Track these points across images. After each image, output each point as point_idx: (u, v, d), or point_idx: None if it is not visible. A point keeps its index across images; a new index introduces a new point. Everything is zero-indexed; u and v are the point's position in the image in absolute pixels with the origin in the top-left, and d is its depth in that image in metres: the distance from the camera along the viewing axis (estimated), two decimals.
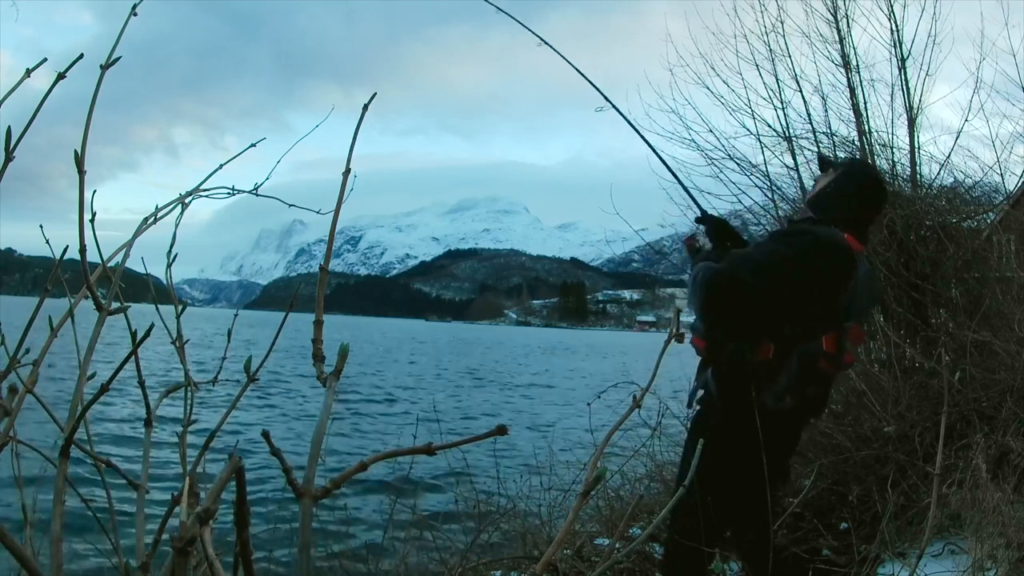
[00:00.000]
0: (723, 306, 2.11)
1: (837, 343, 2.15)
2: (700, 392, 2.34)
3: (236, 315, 1.37)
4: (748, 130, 4.80)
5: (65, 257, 1.00)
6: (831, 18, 4.70)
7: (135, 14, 1.00)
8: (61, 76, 0.92)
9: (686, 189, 3.07)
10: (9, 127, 0.85)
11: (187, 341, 1.16)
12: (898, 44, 4.56)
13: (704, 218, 2.50)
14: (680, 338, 2.42)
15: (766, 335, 2.14)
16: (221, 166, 1.22)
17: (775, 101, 4.80)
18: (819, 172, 2.55)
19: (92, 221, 0.95)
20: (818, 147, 4.58)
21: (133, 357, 0.99)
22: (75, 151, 0.89)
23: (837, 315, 2.15)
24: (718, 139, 4.82)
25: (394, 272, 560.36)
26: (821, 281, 2.11)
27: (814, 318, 2.14)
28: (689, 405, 2.47)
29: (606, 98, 2.88)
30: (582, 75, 2.85)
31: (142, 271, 1.27)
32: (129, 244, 1.09)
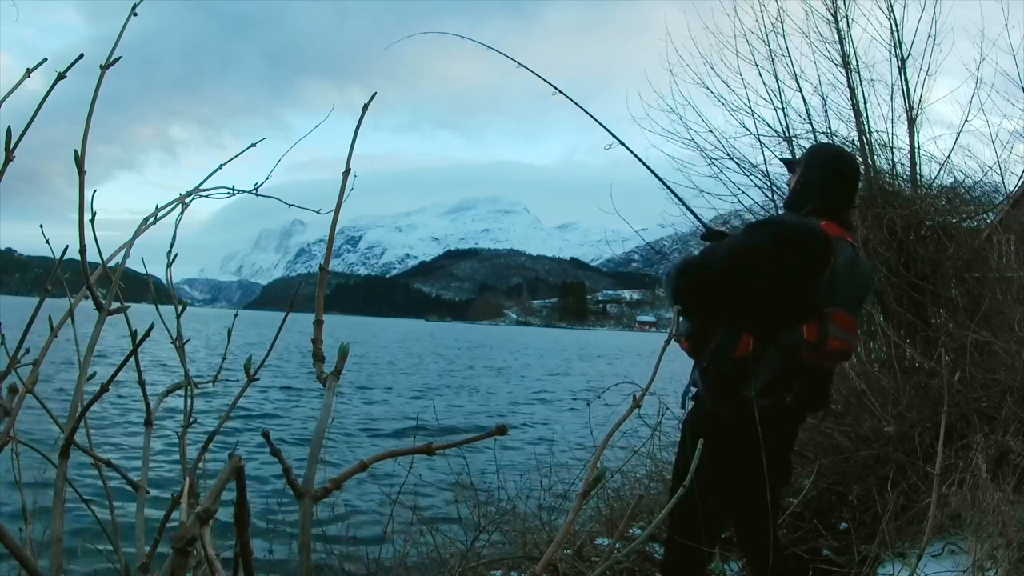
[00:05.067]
0: (690, 291, 2.12)
1: (819, 331, 2.12)
2: (691, 391, 2.35)
3: (236, 315, 1.37)
4: (748, 130, 4.81)
5: (65, 257, 1.00)
6: (831, 18, 4.70)
7: (135, 14, 1.00)
8: (61, 76, 0.92)
9: (694, 214, 2.99)
10: (9, 127, 0.85)
11: (187, 341, 1.16)
12: (898, 44, 4.56)
13: (709, 234, 2.47)
14: (679, 339, 2.43)
15: (745, 328, 2.13)
16: (221, 166, 1.22)
17: (775, 101, 4.80)
18: (790, 175, 2.55)
19: (92, 221, 0.95)
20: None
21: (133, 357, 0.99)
22: (75, 151, 0.89)
23: (816, 302, 2.13)
24: (718, 139, 4.82)
25: (394, 272, 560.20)
26: (792, 268, 2.09)
27: (791, 306, 2.12)
28: (682, 405, 2.47)
29: (614, 136, 2.89)
30: (592, 117, 2.86)
31: (142, 271, 1.27)
32: (129, 244, 1.09)
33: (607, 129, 2.83)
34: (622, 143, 2.86)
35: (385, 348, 42.22)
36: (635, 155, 2.84)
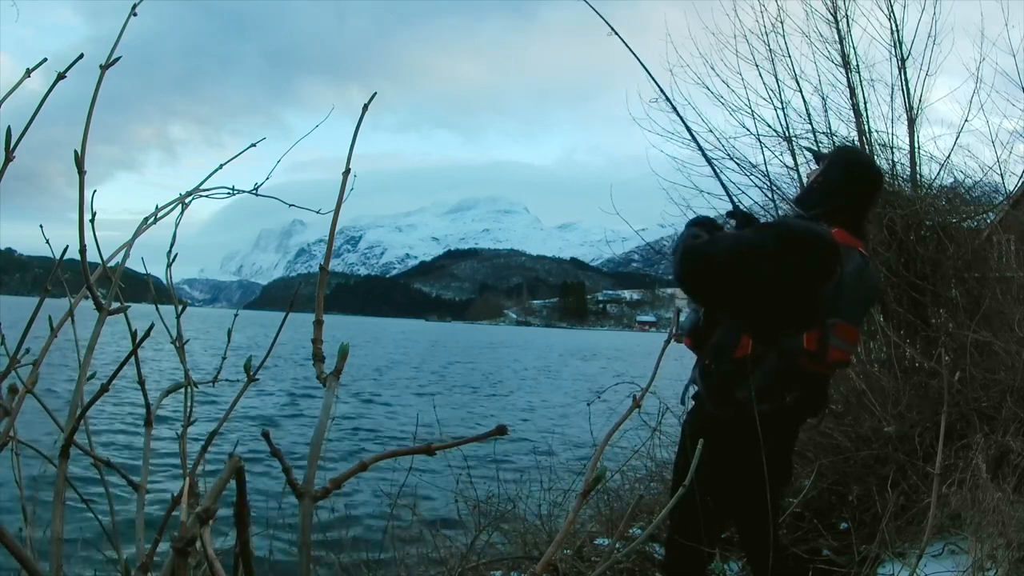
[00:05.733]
0: (691, 277, 2.10)
1: (819, 341, 2.09)
2: (692, 389, 2.34)
3: (236, 315, 1.37)
4: (748, 130, 4.81)
5: (65, 257, 1.00)
6: (831, 18, 4.71)
7: (135, 14, 1.00)
8: (61, 76, 0.92)
9: (724, 187, 2.95)
10: (9, 127, 0.85)
11: (187, 341, 1.16)
12: (898, 44, 4.57)
13: (736, 213, 2.41)
14: (679, 338, 2.42)
15: (745, 328, 2.12)
16: (221, 166, 1.22)
17: (775, 101, 4.81)
18: (814, 166, 2.50)
19: (92, 221, 0.95)
20: (817, 147, 4.58)
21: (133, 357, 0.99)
22: (75, 151, 0.89)
23: (818, 311, 2.09)
24: (718, 139, 4.82)
25: (394, 272, 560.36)
26: (795, 271, 2.05)
27: (792, 311, 2.09)
28: (682, 402, 2.46)
29: (661, 90, 2.84)
30: (644, 67, 2.78)
31: (142, 271, 1.27)
32: (129, 244, 1.09)
33: (653, 79, 2.79)
34: (667, 98, 2.85)
35: (386, 349, 42.22)
36: (676, 112, 2.82)
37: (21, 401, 0.88)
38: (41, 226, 1.13)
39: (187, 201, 1.17)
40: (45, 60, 1.03)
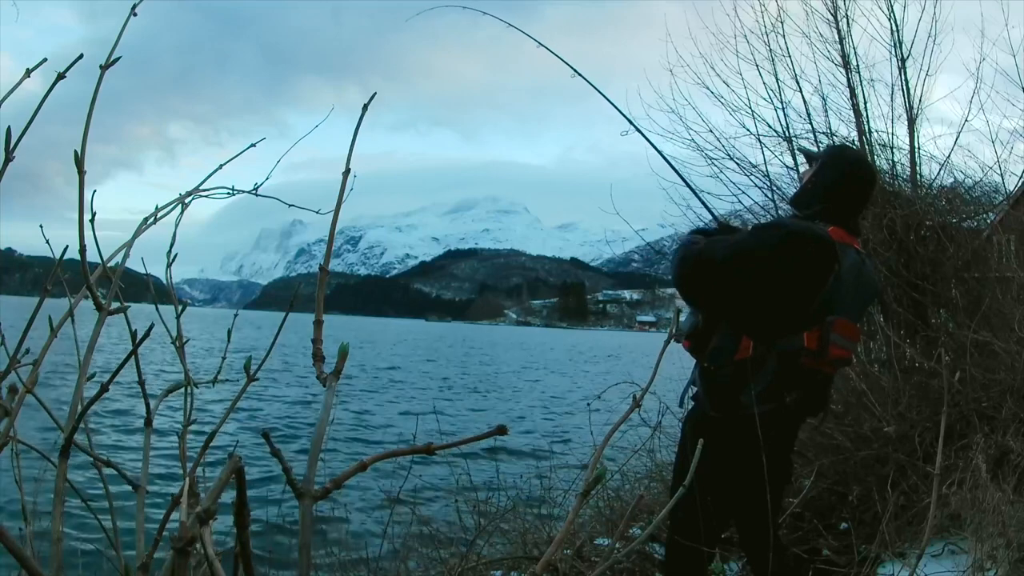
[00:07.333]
0: (689, 282, 2.12)
1: (820, 338, 2.10)
2: (691, 390, 2.35)
3: (236, 315, 1.37)
4: (748, 130, 4.81)
5: (65, 257, 1.00)
6: (831, 18, 4.71)
7: (135, 14, 1.00)
8: (61, 76, 0.92)
9: (710, 210, 2.98)
10: (9, 127, 0.85)
11: (187, 341, 1.16)
12: (898, 44, 4.57)
13: (722, 228, 2.43)
14: (679, 338, 2.42)
15: (744, 330, 2.12)
16: (221, 166, 1.22)
17: (775, 101, 4.81)
18: (806, 166, 2.51)
19: (92, 221, 0.95)
20: (817, 147, 4.58)
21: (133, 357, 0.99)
22: (75, 151, 0.89)
23: (818, 310, 2.10)
24: (718, 139, 4.83)
25: (394, 272, 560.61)
26: (794, 272, 2.06)
27: (791, 311, 2.10)
28: (680, 404, 2.46)
29: (631, 122, 2.87)
30: (610, 102, 2.82)
31: (142, 271, 1.27)
32: (129, 244, 1.09)
33: (623, 114, 2.82)
34: (638, 129, 2.86)
35: (388, 350, 42.20)
36: (650, 142, 2.85)
37: (21, 401, 0.88)
38: (41, 226, 1.13)
39: (187, 201, 1.17)
40: (45, 60, 1.03)
